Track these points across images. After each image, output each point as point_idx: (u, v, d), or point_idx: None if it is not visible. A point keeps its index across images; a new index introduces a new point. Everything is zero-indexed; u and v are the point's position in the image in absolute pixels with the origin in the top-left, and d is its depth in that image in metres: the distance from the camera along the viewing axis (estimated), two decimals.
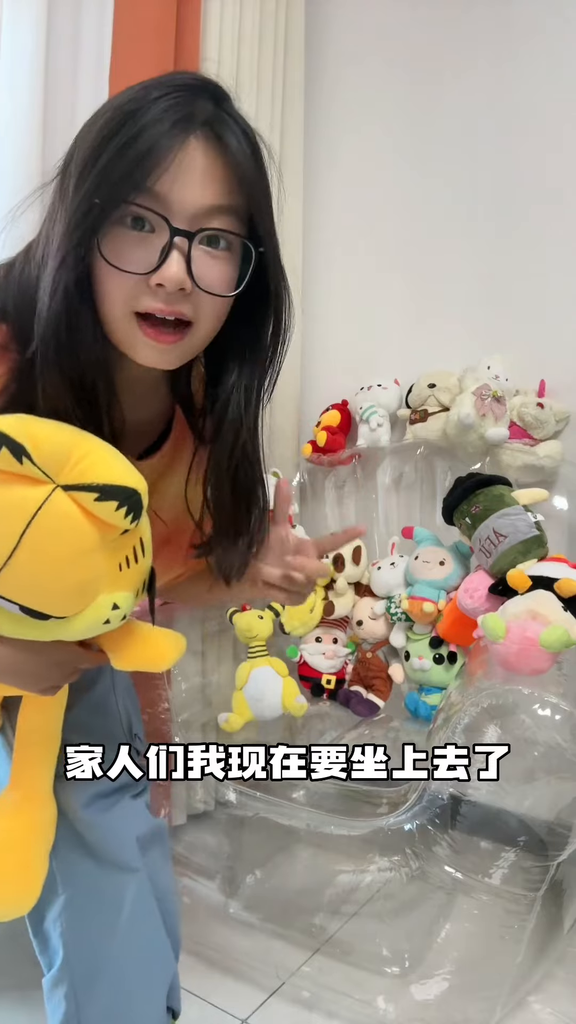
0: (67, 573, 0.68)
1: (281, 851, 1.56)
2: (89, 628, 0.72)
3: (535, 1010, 1.32)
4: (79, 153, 0.70)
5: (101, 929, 0.90)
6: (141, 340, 0.72)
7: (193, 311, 0.72)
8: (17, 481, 0.64)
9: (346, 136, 2.10)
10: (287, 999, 1.36)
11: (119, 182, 0.66)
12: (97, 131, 0.68)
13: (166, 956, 0.97)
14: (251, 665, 1.72)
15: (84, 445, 0.67)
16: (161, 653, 0.81)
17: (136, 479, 0.68)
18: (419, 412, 1.86)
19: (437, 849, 1.26)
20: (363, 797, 1.51)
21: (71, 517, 0.65)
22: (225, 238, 0.72)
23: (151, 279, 0.69)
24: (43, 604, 0.69)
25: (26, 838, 0.84)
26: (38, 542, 0.65)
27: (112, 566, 0.71)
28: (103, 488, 0.65)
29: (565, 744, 1.15)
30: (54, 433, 0.67)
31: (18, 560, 0.65)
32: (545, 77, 1.79)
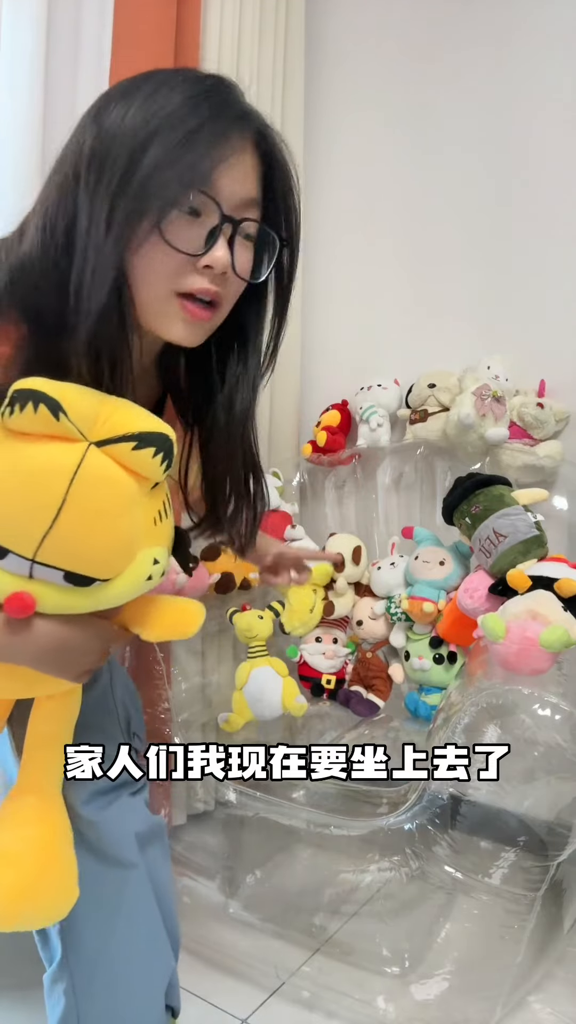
0: (110, 530, 0.68)
1: (281, 851, 1.56)
2: (133, 587, 0.72)
3: (535, 1010, 1.32)
4: (121, 144, 0.71)
5: (100, 926, 0.91)
6: (180, 317, 0.76)
7: (222, 292, 0.77)
8: (51, 442, 0.65)
9: (345, 138, 2.10)
10: (287, 999, 1.36)
11: (181, 175, 0.71)
12: (138, 123, 0.71)
13: (165, 953, 0.98)
14: (251, 665, 1.72)
15: (109, 402, 0.69)
16: (187, 620, 0.82)
17: (164, 426, 0.69)
18: (419, 412, 1.86)
19: (437, 849, 1.26)
20: (363, 797, 1.51)
21: (110, 471, 0.66)
22: (261, 231, 0.79)
23: (199, 261, 0.74)
24: (88, 567, 0.68)
25: (60, 842, 0.84)
26: (80, 501, 0.65)
27: (148, 521, 0.72)
28: (140, 436, 0.66)
29: (565, 744, 1.15)
30: (80, 392, 0.67)
31: (62, 523, 0.65)
32: (544, 77, 1.79)
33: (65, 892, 0.83)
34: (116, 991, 0.91)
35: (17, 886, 0.80)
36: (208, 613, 1.91)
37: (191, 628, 0.82)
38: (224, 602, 1.81)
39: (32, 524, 0.65)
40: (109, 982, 0.91)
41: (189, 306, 0.76)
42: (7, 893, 0.79)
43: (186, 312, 0.76)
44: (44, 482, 0.64)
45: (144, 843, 0.96)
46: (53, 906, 0.82)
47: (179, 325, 0.77)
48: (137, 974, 0.93)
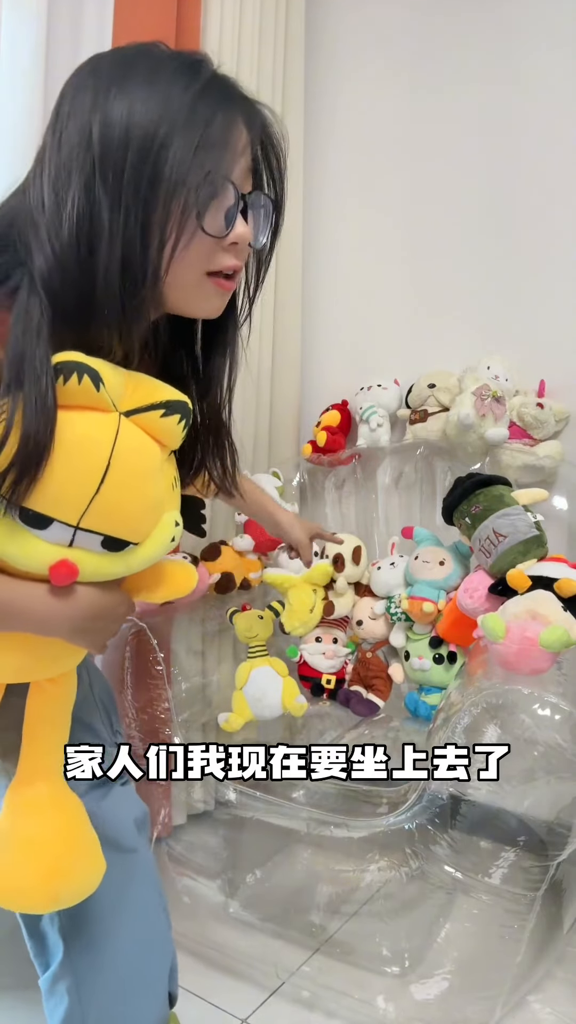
0: (144, 494, 0.73)
1: (281, 851, 1.56)
2: (160, 549, 0.78)
3: (535, 1010, 1.32)
4: (130, 135, 0.72)
5: (105, 912, 0.91)
6: (214, 293, 0.81)
7: (240, 264, 0.82)
8: (88, 413, 0.69)
9: (345, 137, 2.10)
10: (287, 999, 1.36)
11: (216, 167, 0.75)
12: (141, 115, 0.72)
13: (168, 936, 0.99)
14: (251, 665, 1.72)
15: (131, 375, 0.74)
16: (184, 580, 0.87)
17: (181, 394, 0.75)
18: (419, 412, 1.86)
19: (437, 849, 1.26)
20: (363, 797, 1.51)
21: (143, 439, 0.72)
22: (263, 202, 0.83)
23: (226, 240, 0.78)
24: (125, 530, 0.73)
25: (79, 821, 0.87)
26: (120, 468, 0.70)
27: (168, 485, 0.78)
28: (166, 404, 0.72)
29: (565, 744, 1.15)
30: (108, 365, 0.72)
31: (105, 488, 0.69)
32: (544, 79, 1.79)
33: (94, 867, 0.86)
34: (121, 979, 0.92)
35: (48, 869, 0.82)
36: (208, 613, 1.93)
37: (188, 587, 0.88)
38: (224, 602, 1.81)
39: (79, 491, 0.69)
40: (116, 969, 0.91)
41: (222, 281, 0.80)
42: (38, 878, 0.82)
43: (220, 287, 0.81)
44: (88, 450, 0.69)
45: (140, 828, 0.98)
46: (85, 881, 0.85)
47: (213, 299, 0.82)
48: (144, 958, 0.94)
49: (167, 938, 0.99)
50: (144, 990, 0.94)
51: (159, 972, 0.96)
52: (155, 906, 0.98)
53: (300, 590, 1.83)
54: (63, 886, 0.83)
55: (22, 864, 0.83)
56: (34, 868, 0.82)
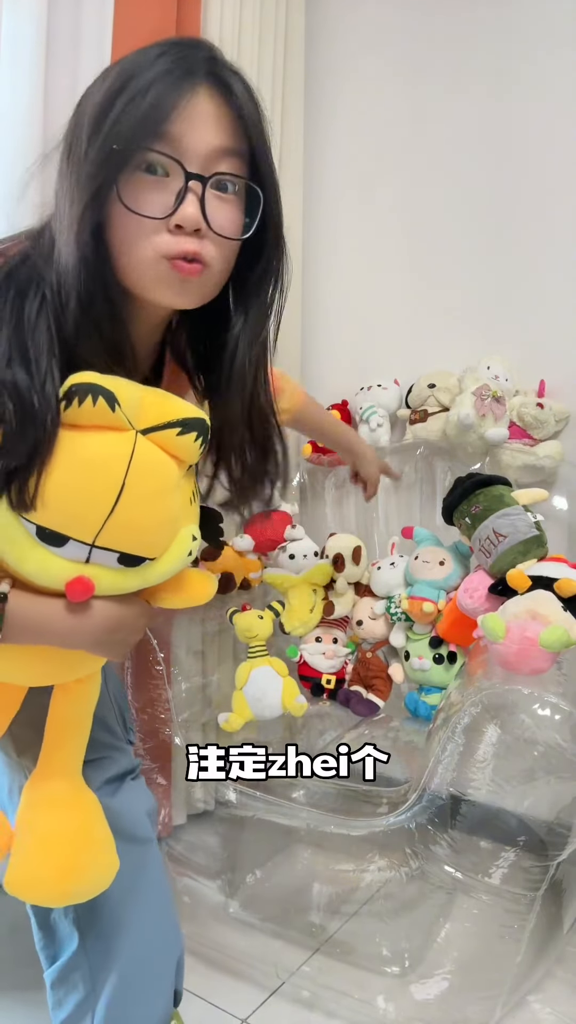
0: (160, 511, 0.74)
1: (281, 851, 1.56)
2: (177, 563, 0.79)
3: (535, 1010, 1.32)
4: (89, 113, 0.71)
5: (120, 902, 0.92)
6: (173, 276, 0.74)
7: (208, 252, 0.75)
8: (103, 432, 0.69)
9: (345, 137, 2.10)
10: (287, 999, 1.36)
11: (134, 130, 0.69)
12: (105, 90, 0.71)
13: (176, 928, 1.00)
14: (251, 665, 1.72)
15: (150, 392, 0.74)
16: (202, 588, 0.88)
17: (200, 411, 0.74)
18: (419, 412, 1.86)
19: (437, 849, 1.26)
20: (363, 797, 1.51)
21: (159, 456, 0.72)
22: (234, 182, 0.76)
23: (170, 222, 0.72)
24: (141, 547, 0.74)
25: (94, 819, 0.88)
26: (136, 486, 0.70)
27: (186, 501, 0.78)
28: (183, 422, 0.72)
29: (565, 744, 1.15)
30: (125, 383, 0.72)
31: (121, 507, 0.69)
32: (544, 79, 1.79)
33: (107, 865, 0.87)
34: (134, 969, 0.93)
35: (63, 866, 0.83)
36: (208, 613, 1.92)
37: (206, 595, 0.88)
38: (224, 602, 1.81)
39: (94, 510, 0.70)
40: (128, 959, 0.92)
41: (179, 264, 0.74)
42: (54, 874, 0.83)
43: (177, 270, 0.74)
44: (104, 470, 0.69)
45: (152, 820, 1.00)
46: (98, 878, 0.86)
47: (175, 286, 0.75)
48: (154, 949, 0.95)
49: (176, 931, 1.00)
50: (154, 981, 0.95)
51: (167, 964, 0.97)
52: (166, 898, 0.99)
53: (300, 590, 1.83)
54: (76, 883, 0.84)
55: (38, 860, 0.84)
56: (50, 864, 0.83)
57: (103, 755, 0.96)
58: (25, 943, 1.43)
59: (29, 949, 1.44)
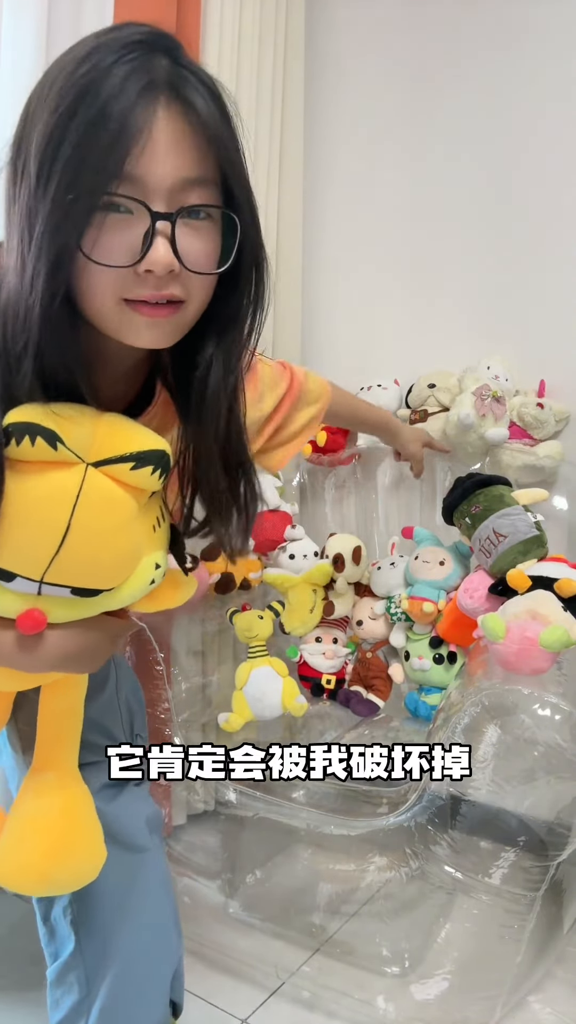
0: (114, 546, 0.70)
1: (281, 851, 1.56)
2: (137, 592, 0.75)
3: (535, 1010, 1.32)
4: (37, 139, 0.64)
5: (115, 909, 0.91)
6: (138, 321, 0.68)
7: (183, 290, 0.69)
8: (50, 468, 0.65)
9: (345, 138, 2.10)
10: (287, 999, 1.36)
11: (92, 173, 0.62)
12: (53, 109, 0.63)
13: (175, 938, 0.98)
14: (251, 665, 1.72)
15: (104, 422, 0.69)
16: (178, 592, 0.86)
17: (159, 440, 0.70)
18: (419, 412, 1.86)
19: (437, 849, 1.26)
20: (363, 797, 1.51)
21: (110, 491, 0.67)
22: (207, 211, 0.68)
23: (139, 268, 0.65)
24: (95, 581, 0.70)
25: (82, 806, 0.86)
26: (84, 524, 0.66)
27: (147, 529, 0.74)
28: (137, 456, 0.67)
29: (565, 744, 1.15)
30: (74, 412, 0.67)
31: (68, 546, 0.66)
32: (544, 79, 1.79)
33: (93, 853, 0.85)
34: (128, 976, 0.92)
35: (45, 850, 0.82)
36: (208, 613, 1.92)
37: (182, 598, 0.86)
38: (224, 602, 1.81)
39: (38, 550, 0.67)
40: (122, 965, 0.91)
41: (142, 307, 0.68)
42: (36, 858, 0.82)
43: (141, 313, 0.68)
44: (47, 509, 0.66)
45: (152, 829, 0.98)
46: (82, 868, 0.84)
47: (142, 330, 0.69)
48: (148, 959, 0.94)
49: (174, 942, 0.98)
50: (147, 990, 0.94)
51: (162, 974, 0.96)
52: (163, 907, 0.97)
53: (300, 590, 1.83)
54: (58, 868, 0.82)
55: (19, 842, 0.83)
56: (30, 847, 0.82)
57: (101, 759, 0.95)
58: (25, 943, 1.43)
59: (29, 949, 1.44)
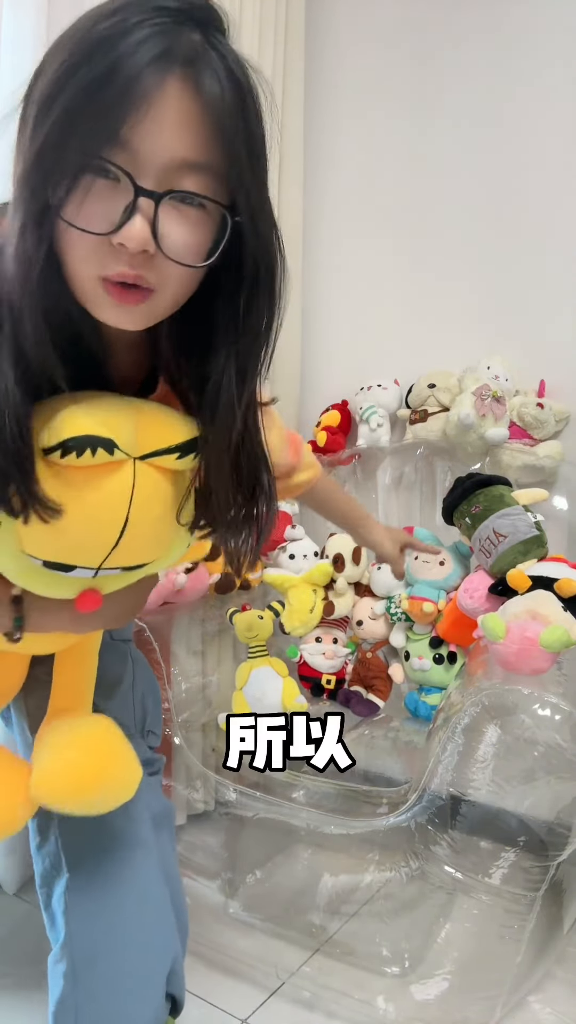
0: (163, 528, 0.74)
1: (281, 851, 1.56)
2: (176, 558, 0.81)
3: (535, 1010, 1.32)
4: (42, 83, 0.62)
5: (104, 910, 0.90)
6: (105, 300, 0.65)
7: (156, 278, 0.64)
8: (104, 470, 0.68)
9: (345, 137, 2.10)
10: (287, 999, 1.36)
11: (84, 132, 0.58)
12: (63, 60, 0.60)
13: (170, 936, 0.96)
14: (251, 665, 1.72)
15: (142, 414, 0.71)
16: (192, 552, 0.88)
17: (192, 425, 0.72)
18: (419, 412, 1.86)
19: (437, 849, 1.26)
20: (363, 797, 1.51)
21: (157, 479, 0.71)
22: (200, 200, 0.63)
23: (113, 239, 0.61)
24: (145, 558, 0.75)
25: (112, 727, 0.88)
26: (141, 514, 0.70)
27: (180, 501, 0.78)
28: (180, 447, 0.71)
29: (565, 744, 1.15)
30: (116, 409, 0.69)
31: (128, 536, 0.70)
32: (544, 78, 1.79)
33: (129, 768, 0.87)
34: (117, 972, 0.90)
35: (91, 761, 0.85)
36: (208, 613, 1.92)
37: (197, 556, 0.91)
38: (224, 602, 1.81)
39: (98, 546, 0.70)
40: (111, 961, 0.90)
41: (112, 288, 0.63)
42: (82, 769, 0.84)
43: (110, 294, 0.64)
44: (107, 510, 0.69)
45: (157, 825, 0.98)
46: (122, 777, 0.86)
47: (109, 310, 0.65)
48: (140, 953, 0.92)
49: (169, 937, 0.96)
50: (137, 985, 0.92)
51: (155, 969, 0.94)
52: (158, 902, 0.96)
53: (300, 590, 1.83)
54: (100, 778, 0.84)
55: (57, 755, 0.85)
56: (71, 756, 0.84)
57: None
58: (25, 943, 1.43)
59: (29, 949, 1.44)
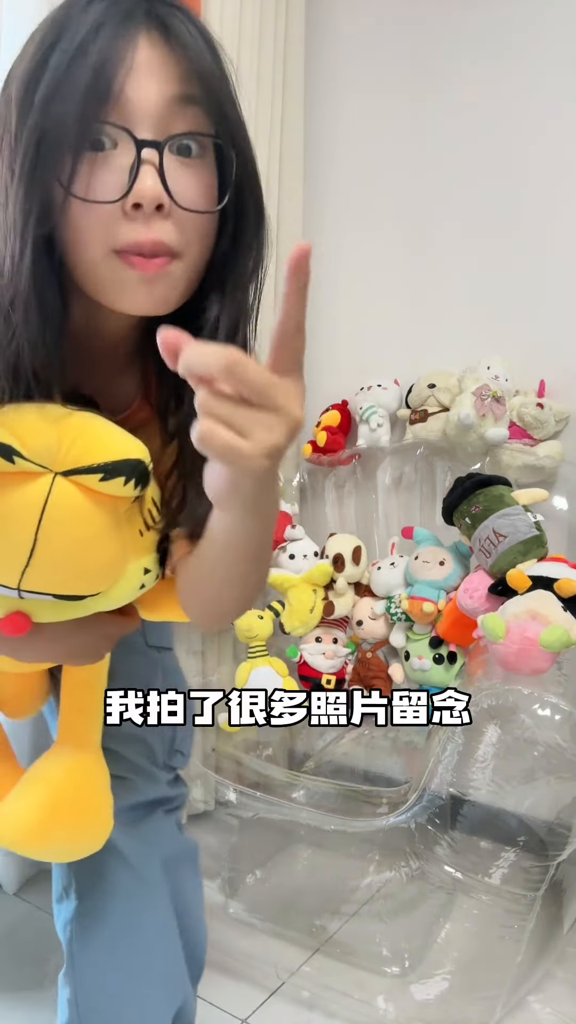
0: (91, 556, 0.66)
1: (281, 851, 1.56)
2: (126, 597, 0.73)
3: (535, 1010, 1.32)
4: (17, 81, 0.61)
5: (108, 945, 0.88)
6: (130, 278, 0.61)
7: (176, 237, 0.61)
8: (17, 479, 0.61)
9: (345, 136, 2.10)
10: (287, 999, 1.36)
11: (72, 102, 0.57)
12: (34, 51, 0.60)
13: (178, 979, 0.93)
14: (251, 665, 1.72)
15: (73, 426, 0.62)
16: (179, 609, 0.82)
17: (136, 447, 0.63)
18: (419, 412, 1.86)
19: (437, 849, 1.27)
20: (363, 797, 1.51)
21: (80, 500, 0.62)
22: (198, 142, 0.62)
23: (125, 203, 0.59)
24: (75, 588, 0.68)
25: (92, 771, 0.84)
26: (54, 533, 0.62)
27: (133, 534, 0.69)
28: (105, 467, 0.61)
29: (565, 744, 1.15)
30: (37, 421, 0.62)
31: (39, 555, 0.63)
32: (544, 78, 1.79)
33: (96, 819, 0.82)
34: (121, 1008, 0.88)
35: (44, 803, 0.79)
36: None
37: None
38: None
39: (10, 561, 0.64)
40: (114, 995, 0.88)
41: (136, 260, 0.60)
42: (34, 810, 0.79)
43: (131, 266, 0.60)
44: (12, 522, 0.62)
45: (172, 866, 0.93)
46: (82, 830, 0.81)
47: (130, 289, 0.62)
48: (143, 997, 0.89)
49: (175, 981, 0.93)
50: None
51: (159, 1014, 0.90)
52: (166, 946, 0.91)
53: (300, 590, 1.83)
54: (55, 825, 0.79)
55: (20, 796, 0.81)
56: (30, 800, 0.80)
57: (126, 776, 0.90)
58: (25, 943, 1.43)
59: (29, 949, 1.44)
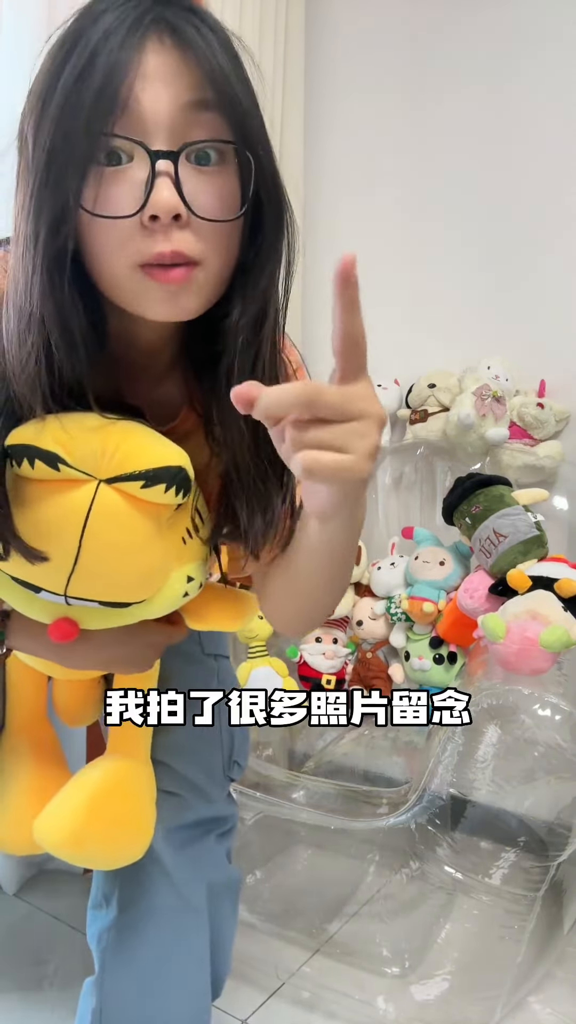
0: (134, 562, 0.67)
1: (281, 851, 1.56)
2: (170, 605, 0.73)
3: (535, 1010, 1.31)
4: (33, 93, 0.62)
5: (142, 967, 0.87)
6: (152, 289, 0.61)
7: (196, 247, 0.60)
8: (63, 487, 0.63)
9: (344, 136, 2.10)
10: (287, 999, 1.36)
11: (84, 115, 0.57)
12: (48, 66, 0.61)
13: (202, 1014, 0.93)
14: (251, 665, 1.72)
15: (115, 434, 0.64)
16: (237, 612, 0.83)
17: (176, 454, 0.65)
18: (419, 412, 1.86)
19: (437, 849, 1.26)
20: (363, 797, 1.51)
21: (123, 508, 0.64)
22: (216, 149, 0.61)
23: (143, 216, 0.58)
24: (120, 595, 0.69)
25: (136, 778, 0.83)
26: (98, 540, 0.64)
27: (176, 542, 0.71)
28: (146, 474, 0.63)
29: (565, 744, 1.15)
30: (80, 430, 0.64)
31: (84, 562, 0.65)
32: (544, 77, 1.79)
33: (135, 829, 0.81)
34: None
35: (81, 807, 0.79)
36: None
37: (239, 622, 0.84)
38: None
39: (56, 567, 0.65)
40: (140, 1015, 0.87)
41: (157, 273, 0.60)
42: (70, 814, 0.79)
43: (153, 278, 0.60)
44: (59, 529, 0.64)
45: (215, 895, 0.92)
46: (118, 839, 0.81)
47: (156, 299, 0.61)
48: (167, 1017, 0.88)
49: (202, 1013, 0.93)
50: None
51: None
52: (196, 973, 0.91)
53: None
54: (91, 831, 0.79)
55: (61, 800, 0.81)
56: (70, 804, 0.80)
57: (179, 792, 0.89)
58: (25, 943, 1.43)
59: (29, 949, 1.44)
